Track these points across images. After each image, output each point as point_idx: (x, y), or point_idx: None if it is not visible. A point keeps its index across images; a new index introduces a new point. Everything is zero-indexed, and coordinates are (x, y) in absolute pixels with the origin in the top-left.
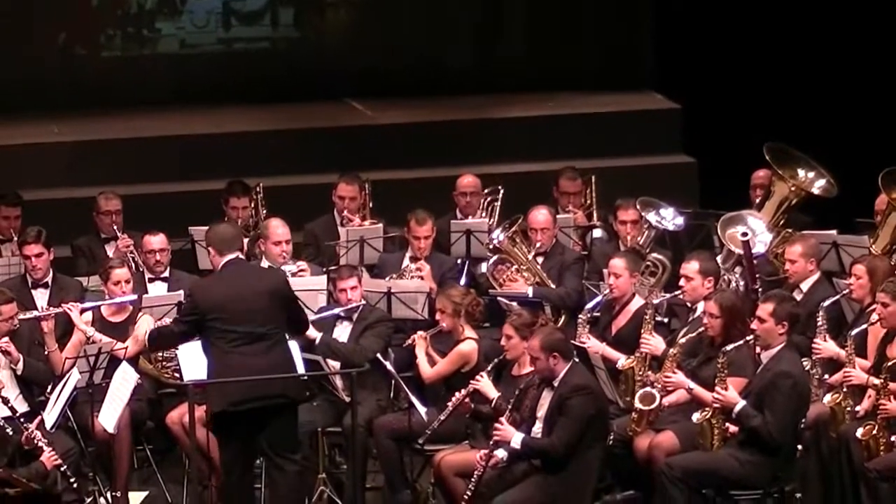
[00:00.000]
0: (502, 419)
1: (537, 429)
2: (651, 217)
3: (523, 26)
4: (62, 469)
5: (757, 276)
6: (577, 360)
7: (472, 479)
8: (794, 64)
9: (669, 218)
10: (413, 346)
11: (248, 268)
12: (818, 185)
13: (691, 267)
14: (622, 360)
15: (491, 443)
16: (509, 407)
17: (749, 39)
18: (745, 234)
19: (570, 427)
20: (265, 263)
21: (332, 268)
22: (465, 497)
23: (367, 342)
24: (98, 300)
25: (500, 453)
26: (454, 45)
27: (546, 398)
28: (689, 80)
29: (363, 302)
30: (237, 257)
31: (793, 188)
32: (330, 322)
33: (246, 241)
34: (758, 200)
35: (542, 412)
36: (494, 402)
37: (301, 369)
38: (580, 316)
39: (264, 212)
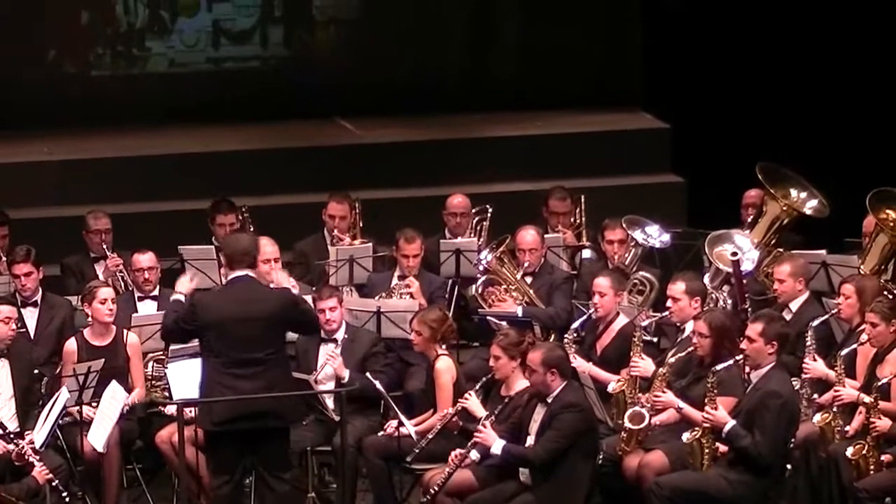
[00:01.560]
0: (486, 423)
1: (529, 444)
2: (637, 235)
3: (513, 46)
4: (53, 484)
5: (746, 295)
6: (573, 379)
7: (443, 476)
8: (782, 84)
9: (655, 235)
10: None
11: (253, 289)
12: (810, 206)
13: (677, 288)
14: (612, 385)
15: (469, 444)
16: (494, 415)
17: (738, 59)
18: (734, 254)
19: (555, 439)
20: None
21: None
22: (433, 490)
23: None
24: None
25: (474, 455)
26: (444, 65)
27: (539, 413)
28: (678, 99)
29: (340, 322)
30: (246, 275)
31: (785, 208)
32: (314, 343)
33: None
34: (749, 220)
35: (534, 427)
36: (482, 421)
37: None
38: (566, 335)
39: (251, 230)
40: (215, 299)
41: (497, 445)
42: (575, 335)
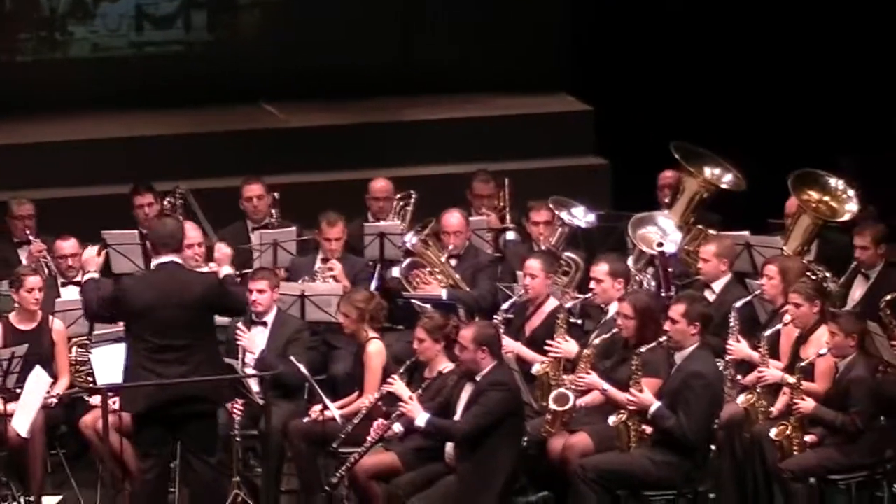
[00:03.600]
0: (412, 395)
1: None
2: (564, 215)
3: (437, 29)
4: None
5: (672, 284)
6: (503, 360)
7: (362, 447)
8: (703, 66)
9: (581, 216)
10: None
11: (178, 275)
12: (726, 180)
13: (600, 269)
14: (536, 366)
15: (393, 415)
16: (420, 391)
17: (659, 42)
18: (660, 245)
19: (479, 415)
20: None
21: (247, 270)
22: (351, 462)
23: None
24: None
25: (397, 427)
26: (368, 48)
27: (467, 392)
28: (601, 81)
29: (268, 306)
30: (171, 262)
31: (702, 183)
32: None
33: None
34: (666, 200)
35: (461, 406)
36: (408, 396)
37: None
38: (495, 317)
39: (181, 213)
40: (140, 285)
41: (422, 418)
42: (503, 316)
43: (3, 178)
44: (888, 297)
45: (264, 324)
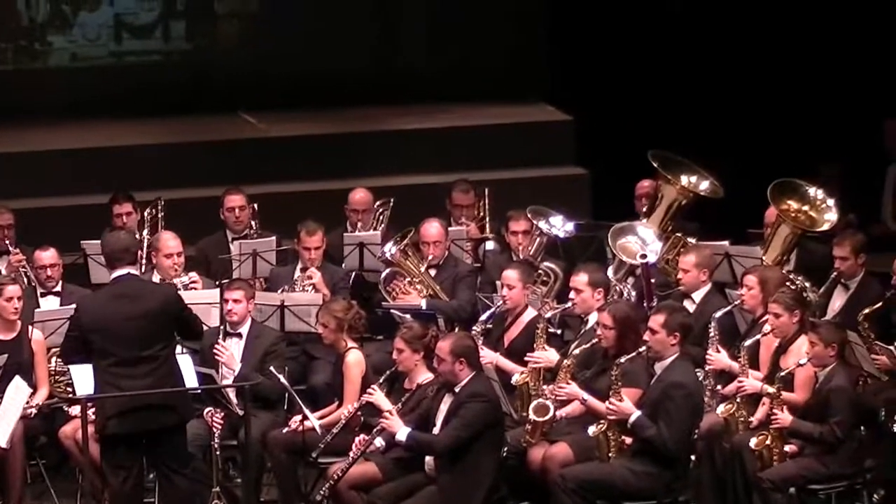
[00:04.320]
0: (392, 409)
1: (436, 433)
2: (542, 225)
3: (417, 38)
4: None
5: (654, 294)
6: (482, 371)
7: (346, 464)
8: (683, 76)
9: (560, 225)
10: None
11: (137, 286)
12: (703, 187)
13: (580, 279)
14: (516, 377)
15: (374, 430)
16: (400, 405)
17: (639, 52)
18: (643, 256)
19: (460, 428)
20: (157, 277)
21: (226, 280)
22: (335, 478)
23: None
24: None
25: (379, 442)
26: (348, 57)
27: (446, 403)
28: (580, 92)
29: (243, 317)
30: (128, 273)
31: (680, 191)
32: (215, 334)
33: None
34: (644, 210)
35: (440, 417)
36: (388, 410)
37: (194, 384)
38: (474, 328)
39: (162, 225)
40: (99, 300)
41: (402, 432)
42: (482, 327)
43: None
44: (866, 311)
45: (239, 335)
